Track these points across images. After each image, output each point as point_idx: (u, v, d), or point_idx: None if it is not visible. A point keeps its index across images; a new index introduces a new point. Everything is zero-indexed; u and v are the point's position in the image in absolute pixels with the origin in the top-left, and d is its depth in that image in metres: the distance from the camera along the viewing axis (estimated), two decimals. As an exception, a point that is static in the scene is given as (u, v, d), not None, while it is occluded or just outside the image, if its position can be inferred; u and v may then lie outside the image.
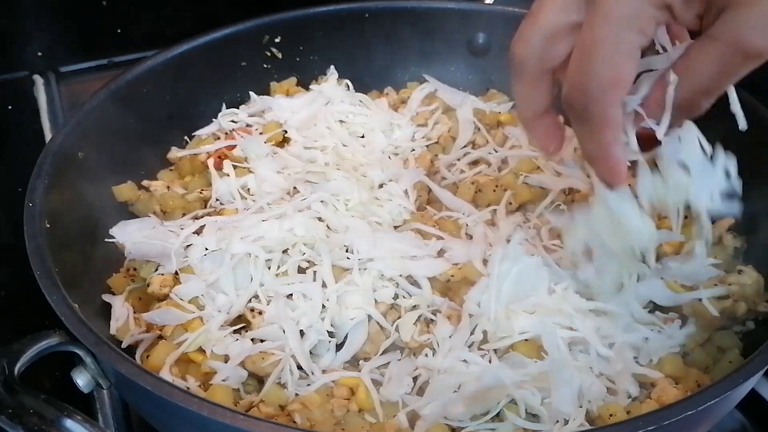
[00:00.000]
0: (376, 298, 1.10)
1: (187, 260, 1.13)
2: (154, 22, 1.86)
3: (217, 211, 1.25)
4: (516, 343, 1.03)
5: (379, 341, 1.08)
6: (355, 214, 1.21)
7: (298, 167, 1.30)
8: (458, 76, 1.59)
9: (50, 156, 1.13)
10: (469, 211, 1.25)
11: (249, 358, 1.02)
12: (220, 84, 1.47)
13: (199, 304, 1.09)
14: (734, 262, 1.20)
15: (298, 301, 1.07)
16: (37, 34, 1.80)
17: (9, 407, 0.84)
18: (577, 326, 1.03)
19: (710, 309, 1.08)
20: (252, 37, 1.48)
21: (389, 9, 1.54)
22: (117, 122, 1.29)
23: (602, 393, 1.00)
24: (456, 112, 1.43)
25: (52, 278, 0.97)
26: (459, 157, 1.37)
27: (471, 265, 1.13)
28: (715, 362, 1.07)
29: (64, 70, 1.85)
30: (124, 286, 1.14)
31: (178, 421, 0.93)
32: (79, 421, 0.85)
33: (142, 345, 1.08)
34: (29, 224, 1.03)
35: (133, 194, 1.28)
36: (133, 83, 1.33)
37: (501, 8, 1.56)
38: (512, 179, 1.30)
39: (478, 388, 0.96)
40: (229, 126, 1.42)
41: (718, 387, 0.87)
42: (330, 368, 1.06)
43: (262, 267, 1.10)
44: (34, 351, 0.91)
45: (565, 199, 1.29)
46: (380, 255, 1.12)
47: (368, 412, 1.00)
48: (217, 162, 1.32)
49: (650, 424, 0.82)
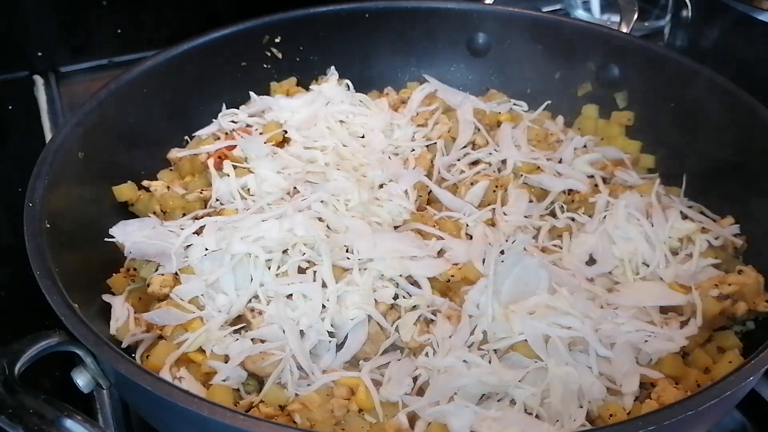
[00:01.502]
0: (376, 298, 1.10)
1: (187, 260, 1.13)
2: (154, 22, 1.86)
3: (217, 211, 1.25)
4: (516, 344, 1.03)
5: (379, 341, 1.08)
6: (355, 214, 1.21)
7: (298, 167, 1.30)
8: (458, 76, 1.59)
9: (50, 156, 1.13)
10: (469, 211, 1.25)
11: (249, 358, 1.02)
12: (220, 84, 1.47)
13: (199, 304, 1.09)
14: (734, 262, 1.20)
15: (298, 301, 1.07)
16: (37, 34, 1.80)
17: (9, 407, 0.84)
18: (577, 326, 1.03)
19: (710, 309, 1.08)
20: (252, 37, 1.48)
21: (389, 9, 1.54)
22: (117, 122, 1.29)
23: (602, 393, 1.00)
24: (456, 113, 1.43)
25: (52, 278, 0.97)
26: (459, 157, 1.37)
27: (471, 266, 1.13)
28: (715, 362, 1.07)
29: (64, 70, 1.86)
30: (124, 286, 1.14)
31: (178, 421, 0.93)
32: (79, 421, 0.85)
33: (142, 345, 1.08)
34: (29, 224, 1.03)
35: (133, 194, 1.28)
36: (133, 83, 1.33)
37: (501, 8, 1.56)
38: (512, 179, 1.30)
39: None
40: (229, 126, 1.43)
41: (718, 387, 0.87)
42: (330, 368, 1.05)
43: (262, 267, 1.10)
44: (34, 351, 0.91)
45: (566, 199, 1.29)
46: (380, 255, 1.12)
47: (368, 412, 1.00)
48: (217, 162, 1.32)
49: (650, 424, 0.82)
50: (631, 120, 1.47)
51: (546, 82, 1.54)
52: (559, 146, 1.40)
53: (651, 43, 1.53)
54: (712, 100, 1.33)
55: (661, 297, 1.12)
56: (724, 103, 1.31)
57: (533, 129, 1.41)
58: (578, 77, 1.52)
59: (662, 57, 1.42)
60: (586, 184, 1.30)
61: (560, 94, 1.54)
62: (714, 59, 1.44)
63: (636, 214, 1.20)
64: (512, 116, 1.45)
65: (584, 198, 1.28)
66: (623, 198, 1.23)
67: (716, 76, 1.34)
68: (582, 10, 2.02)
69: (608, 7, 2.01)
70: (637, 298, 1.11)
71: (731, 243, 1.22)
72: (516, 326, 1.03)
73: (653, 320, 1.10)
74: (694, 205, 1.31)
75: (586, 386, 0.99)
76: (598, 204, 1.25)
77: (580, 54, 1.50)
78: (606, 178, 1.33)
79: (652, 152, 1.43)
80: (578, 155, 1.36)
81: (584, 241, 1.19)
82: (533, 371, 1.00)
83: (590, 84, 1.52)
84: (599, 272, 1.17)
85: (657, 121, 1.43)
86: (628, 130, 1.47)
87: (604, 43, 1.48)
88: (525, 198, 1.27)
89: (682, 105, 1.38)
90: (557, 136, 1.43)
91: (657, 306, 1.11)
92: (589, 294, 1.11)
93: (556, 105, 1.52)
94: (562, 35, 1.51)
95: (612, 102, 1.49)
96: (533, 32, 1.52)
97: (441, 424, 0.96)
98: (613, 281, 1.17)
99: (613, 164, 1.37)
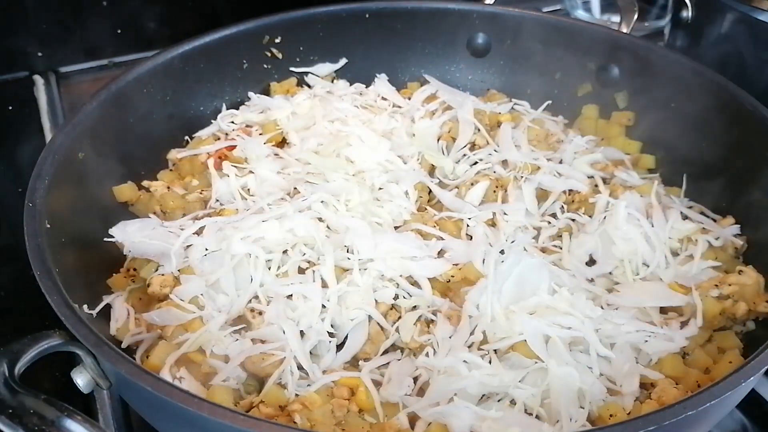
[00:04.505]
0: (377, 298, 1.10)
1: (188, 260, 1.13)
2: (154, 22, 1.86)
3: (217, 211, 1.24)
4: (516, 344, 1.03)
5: (379, 341, 1.08)
6: (356, 214, 1.21)
7: (298, 168, 1.30)
8: (458, 76, 1.60)
9: (50, 156, 1.13)
10: (470, 212, 1.25)
11: (249, 358, 1.02)
12: (220, 84, 1.47)
13: (199, 304, 1.09)
14: (734, 263, 1.20)
15: (298, 301, 1.07)
16: (37, 34, 1.80)
17: (9, 407, 0.84)
18: (577, 327, 1.03)
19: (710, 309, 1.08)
20: (252, 37, 1.48)
21: (389, 9, 1.54)
22: (117, 122, 1.29)
23: (602, 393, 1.00)
24: (456, 113, 1.43)
25: (52, 278, 0.96)
26: (459, 158, 1.37)
27: (471, 266, 1.13)
28: (716, 363, 1.07)
29: (64, 70, 1.86)
30: (124, 286, 1.14)
31: (178, 422, 0.93)
32: (79, 421, 0.85)
33: (142, 345, 1.08)
34: (29, 224, 1.03)
35: (133, 194, 1.28)
36: (133, 83, 1.33)
37: (501, 8, 1.56)
38: (512, 180, 1.30)
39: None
40: (228, 127, 1.42)
41: (719, 387, 0.87)
42: (330, 368, 1.05)
43: (263, 267, 1.10)
44: (34, 351, 0.91)
45: (566, 199, 1.29)
46: (380, 255, 1.12)
47: (368, 413, 1.00)
48: (216, 162, 1.32)
49: (650, 424, 0.82)
50: (631, 120, 1.47)
51: (546, 82, 1.54)
52: (559, 146, 1.40)
53: (651, 43, 1.53)
54: (712, 100, 1.33)
55: (661, 297, 1.12)
56: (724, 103, 1.31)
57: (533, 129, 1.41)
58: (578, 77, 1.52)
59: (662, 57, 1.42)
60: (587, 185, 1.30)
61: (560, 94, 1.54)
62: (714, 59, 1.44)
63: (636, 214, 1.20)
64: (512, 116, 1.45)
65: (584, 198, 1.28)
66: (623, 198, 1.23)
67: (716, 76, 1.34)
68: (582, 10, 2.02)
69: (608, 7, 2.01)
70: (638, 299, 1.11)
71: (731, 243, 1.22)
72: (516, 326, 1.03)
73: (653, 320, 1.10)
74: (695, 206, 1.32)
75: (587, 386, 0.99)
76: (598, 204, 1.25)
77: (580, 54, 1.50)
78: (606, 179, 1.33)
79: (652, 152, 1.43)
80: (578, 155, 1.36)
81: (584, 242, 1.19)
82: (533, 371, 1.00)
83: (590, 84, 1.52)
84: (599, 272, 1.17)
85: (657, 121, 1.43)
86: (628, 130, 1.47)
87: (604, 43, 1.48)
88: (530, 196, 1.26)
89: (682, 105, 1.38)
90: (557, 137, 1.43)
91: (657, 306, 1.11)
92: (590, 294, 1.11)
93: (556, 105, 1.52)
94: (562, 35, 1.51)
95: (612, 102, 1.49)
96: (533, 32, 1.52)
97: (441, 424, 0.96)
98: (613, 281, 1.17)
99: (614, 164, 1.38)
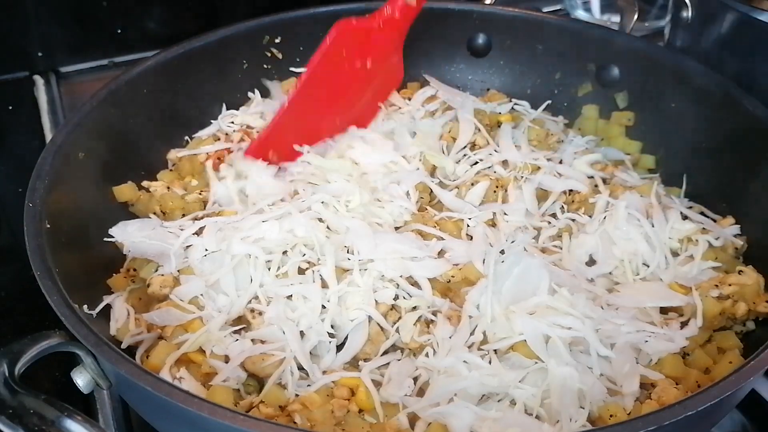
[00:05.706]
0: (377, 298, 1.10)
1: (187, 261, 1.13)
2: (154, 22, 1.86)
3: (217, 212, 1.24)
4: (516, 344, 1.03)
5: (379, 342, 1.08)
6: (356, 215, 1.20)
7: (299, 168, 1.29)
8: (458, 76, 1.59)
9: (50, 156, 1.13)
10: (470, 212, 1.25)
11: (249, 358, 1.02)
12: (220, 84, 1.47)
13: (199, 304, 1.09)
14: (734, 263, 1.20)
15: (298, 302, 1.07)
16: (37, 34, 1.80)
17: (9, 407, 0.84)
18: (578, 327, 1.03)
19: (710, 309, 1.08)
20: (252, 37, 1.48)
21: (389, 9, 1.54)
22: (117, 122, 1.29)
23: (603, 394, 1.00)
24: (456, 113, 1.43)
25: (52, 278, 0.96)
26: (459, 158, 1.37)
27: (471, 266, 1.13)
28: (716, 363, 1.07)
29: (64, 70, 1.86)
30: (124, 287, 1.14)
31: (178, 422, 0.93)
32: (79, 421, 0.85)
33: (142, 345, 1.08)
34: (29, 224, 1.03)
35: (133, 194, 1.28)
36: (133, 83, 1.33)
37: (501, 8, 1.56)
38: (512, 180, 1.30)
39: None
40: (228, 128, 1.42)
41: (719, 387, 0.87)
42: (330, 369, 1.05)
43: (262, 268, 1.10)
44: (34, 351, 0.91)
45: (566, 200, 1.29)
46: (381, 256, 1.12)
47: (368, 413, 1.00)
48: (215, 163, 1.32)
49: (650, 424, 0.82)
50: (631, 120, 1.47)
51: (546, 82, 1.54)
52: (559, 146, 1.40)
53: (651, 44, 1.53)
54: (712, 100, 1.33)
55: (661, 297, 1.12)
56: (724, 104, 1.31)
57: (533, 129, 1.41)
58: (578, 77, 1.52)
59: (662, 57, 1.42)
60: (587, 185, 1.30)
61: (560, 94, 1.54)
62: (714, 59, 1.44)
63: (636, 214, 1.20)
64: (512, 116, 1.45)
65: (584, 198, 1.28)
66: (623, 198, 1.23)
67: (716, 76, 1.34)
68: (582, 10, 2.02)
69: (608, 7, 2.01)
70: (638, 299, 1.11)
71: (731, 243, 1.21)
72: (516, 326, 1.03)
73: (653, 321, 1.10)
74: (695, 206, 1.32)
75: (587, 387, 0.99)
76: (599, 204, 1.25)
77: (580, 54, 1.50)
78: (606, 179, 1.33)
79: (652, 152, 1.43)
80: (578, 156, 1.36)
81: (584, 242, 1.20)
82: (533, 372, 1.00)
83: (590, 84, 1.52)
84: (599, 273, 1.17)
85: (657, 121, 1.43)
86: (628, 130, 1.47)
87: (604, 43, 1.48)
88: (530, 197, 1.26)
89: (682, 105, 1.38)
90: (557, 137, 1.43)
91: (657, 306, 1.11)
92: (590, 294, 1.11)
93: (556, 105, 1.52)
94: (562, 35, 1.51)
95: (612, 102, 1.49)
96: (533, 32, 1.52)
97: (441, 424, 0.96)
98: (614, 282, 1.17)
99: (614, 164, 1.37)
